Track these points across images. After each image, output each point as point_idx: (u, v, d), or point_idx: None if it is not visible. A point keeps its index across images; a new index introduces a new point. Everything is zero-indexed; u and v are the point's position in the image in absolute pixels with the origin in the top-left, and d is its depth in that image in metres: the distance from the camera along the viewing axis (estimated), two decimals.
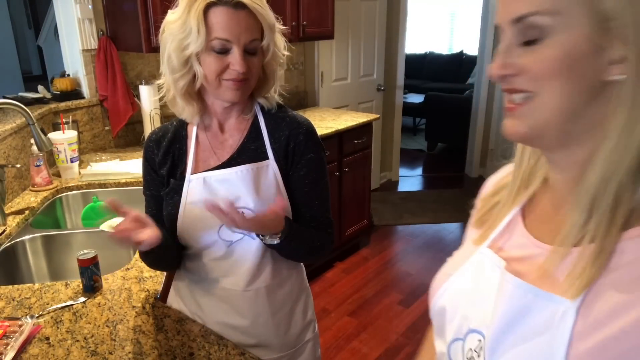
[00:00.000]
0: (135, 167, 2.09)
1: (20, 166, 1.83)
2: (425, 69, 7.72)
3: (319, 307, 2.76)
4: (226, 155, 1.09)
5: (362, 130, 3.17)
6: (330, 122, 3.11)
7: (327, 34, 3.20)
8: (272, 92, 1.12)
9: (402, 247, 3.61)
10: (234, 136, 1.11)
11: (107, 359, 0.99)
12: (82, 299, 1.20)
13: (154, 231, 0.97)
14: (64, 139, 2.02)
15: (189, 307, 1.18)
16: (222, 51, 0.98)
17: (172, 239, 1.12)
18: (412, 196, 4.50)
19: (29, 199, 1.83)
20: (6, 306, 1.18)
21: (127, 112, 2.43)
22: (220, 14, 0.96)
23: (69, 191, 1.99)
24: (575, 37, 0.49)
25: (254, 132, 1.10)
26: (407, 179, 4.99)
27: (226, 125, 1.12)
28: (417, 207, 4.25)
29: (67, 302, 1.19)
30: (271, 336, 1.15)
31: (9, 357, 0.96)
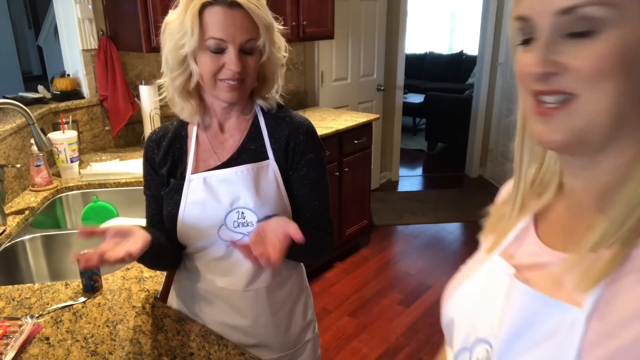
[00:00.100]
0: (135, 167, 2.09)
1: (20, 166, 1.83)
2: (425, 69, 7.72)
3: (319, 307, 2.76)
4: (226, 155, 1.09)
5: (362, 130, 3.17)
6: (330, 122, 3.11)
7: (327, 34, 3.20)
8: (273, 93, 1.12)
9: (402, 247, 3.61)
10: (234, 136, 1.11)
11: (107, 359, 0.99)
12: (82, 299, 1.20)
13: (137, 241, 0.94)
14: (64, 139, 2.02)
15: (189, 307, 1.18)
16: (218, 51, 0.98)
17: (171, 239, 1.12)
18: (412, 196, 4.50)
19: (29, 199, 1.83)
20: (6, 306, 1.18)
21: (127, 112, 2.43)
22: (215, 13, 0.96)
23: (69, 191, 1.99)
24: (632, 32, 0.45)
25: (254, 132, 1.10)
26: (407, 179, 4.99)
27: (226, 125, 1.12)
28: (417, 207, 4.25)
29: (67, 302, 1.19)
30: (271, 336, 1.15)
31: (9, 357, 0.96)
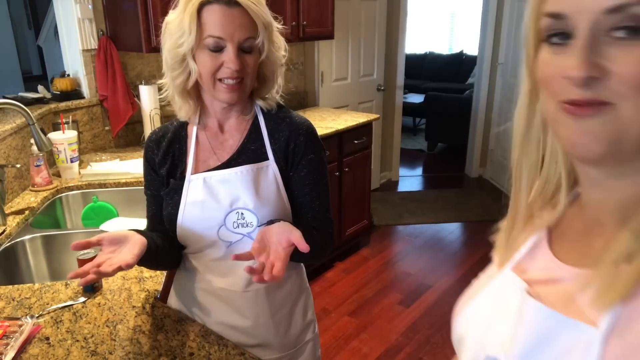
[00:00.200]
0: (135, 167, 2.09)
1: (20, 166, 1.83)
2: (425, 69, 7.72)
3: (319, 307, 2.76)
4: (226, 155, 1.09)
5: (362, 130, 3.17)
6: (330, 122, 3.11)
7: (327, 34, 3.20)
8: (274, 93, 1.12)
9: (402, 247, 3.61)
10: (234, 136, 1.11)
11: (107, 359, 0.99)
12: (82, 299, 1.20)
13: (134, 247, 0.94)
14: (64, 139, 2.02)
15: (189, 307, 1.18)
16: (216, 49, 0.98)
17: (171, 239, 1.12)
18: (412, 196, 4.50)
19: (29, 199, 1.83)
20: (6, 306, 1.18)
21: (127, 112, 2.43)
22: (213, 11, 0.96)
23: (69, 191, 1.99)
24: None
25: (254, 133, 1.10)
26: (407, 179, 4.99)
27: (226, 125, 1.12)
28: (417, 207, 4.25)
29: (67, 302, 1.19)
30: (271, 336, 1.15)
31: (9, 357, 0.96)
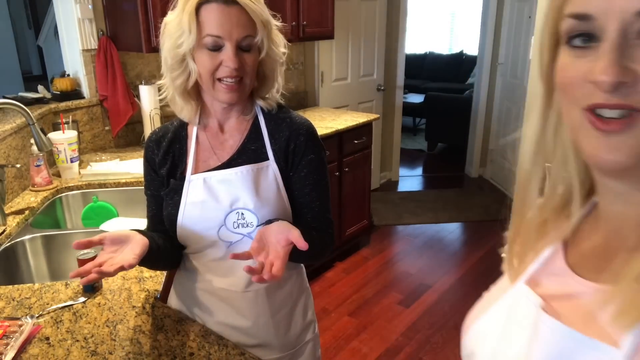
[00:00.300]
0: (135, 167, 2.09)
1: (20, 166, 1.83)
2: (425, 69, 7.72)
3: (319, 307, 2.76)
4: (226, 155, 1.09)
5: (362, 130, 3.17)
6: (330, 122, 3.11)
7: (327, 34, 3.20)
8: (274, 93, 1.12)
9: (402, 247, 3.61)
10: (234, 137, 1.11)
11: (107, 359, 0.99)
12: (82, 299, 1.20)
13: (135, 247, 0.94)
14: (64, 139, 2.02)
15: (189, 307, 1.18)
16: (215, 48, 0.98)
17: (171, 239, 1.12)
18: (412, 196, 4.50)
19: (29, 199, 1.83)
20: (6, 306, 1.18)
21: (127, 112, 2.43)
22: (211, 10, 0.96)
23: (69, 191, 1.99)
24: None
25: (254, 133, 1.10)
26: (407, 179, 4.99)
27: (226, 125, 1.12)
28: (417, 207, 4.25)
29: (67, 302, 1.19)
30: (271, 337, 1.15)
31: (9, 357, 0.96)
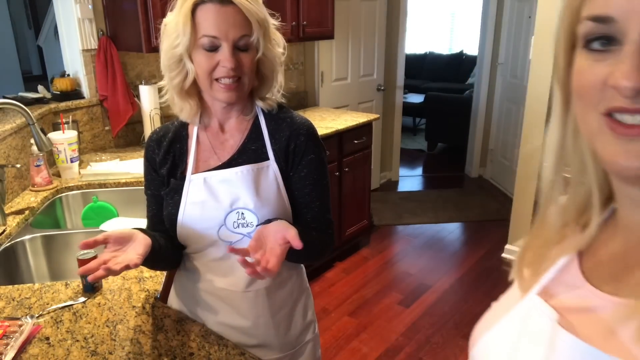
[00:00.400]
0: (135, 167, 2.09)
1: (20, 166, 1.83)
2: (425, 69, 7.72)
3: (319, 307, 2.76)
4: (227, 155, 1.09)
5: (362, 130, 3.17)
6: (330, 122, 3.11)
7: (327, 34, 3.20)
8: (275, 92, 1.11)
9: (402, 247, 3.61)
10: (234, 136, 1.11)
11: (107, 359, 0.99)
12: (82, 299, 1.20)
13: (138, 246, 0.94)
14: (64, 139, 2.02)
15: (189, 307, 1.18)
16: (212, 48, 0.98)
17: (171, 239, 1.12)
18: (412, 196, 4.50)
19: (29, 199, 1.83)
20: (6, 306, 1.18)
21: (127, 112, 2.43)
22: (207, 11, 0.96)
23: (69, 191, 1.98)
24: None
25: (255, 133, 1.10)
26: (407, 179, 4.99)
27: (226, 125, 1.12)
28: (417, 207, 4.25)
29: (67, 302, 1.19)
30: (271, 337, 1.15)
31: (9, 357, 0.96)
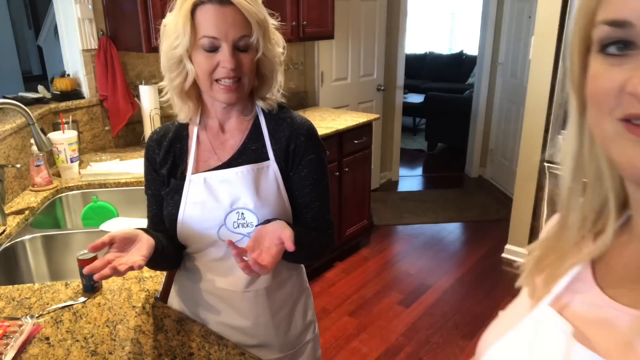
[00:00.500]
0: (135, 167, 2.09)
1: (20, 166, 1.83)
2: (425, 69, 7.73)
3: (319, 307, 2.76)
4: (227, 155, 1.09)
5: (362, 130, 3.17)
6: (330, 122, 3.11)
7: (327, 34, 3.20)
8: (275, 92, 1.11)
9: (402, 247, 3.61)
10: (234, 136, 1.11)
11: (107, 359, 0.99)
12: (82, 299, 1.20)
13: (142, 247, 0.94)
14: (64, 139, 2.02)
15: (189, 307, 1.18)
16: (212, 49, 0.98)
17: (172, 239, 1.12)
18: (412, 196, 4.50)
19: (29, 199, 1.83)
20: (6, 306, 1.18)
21: (127, 112, 2.43)
22: (206, 11, 0.96)
23: (69, 191, 1.98)
24: None
25: (255, 133, 1.10)
26: (407, 179, 4.99)
27: (227, 125, 1.12)
28: (417, 207, 4.25)
29: (67, 302, 1.19)
30: (271, 337, 1.15)
31: (9, 357, 0.96)
